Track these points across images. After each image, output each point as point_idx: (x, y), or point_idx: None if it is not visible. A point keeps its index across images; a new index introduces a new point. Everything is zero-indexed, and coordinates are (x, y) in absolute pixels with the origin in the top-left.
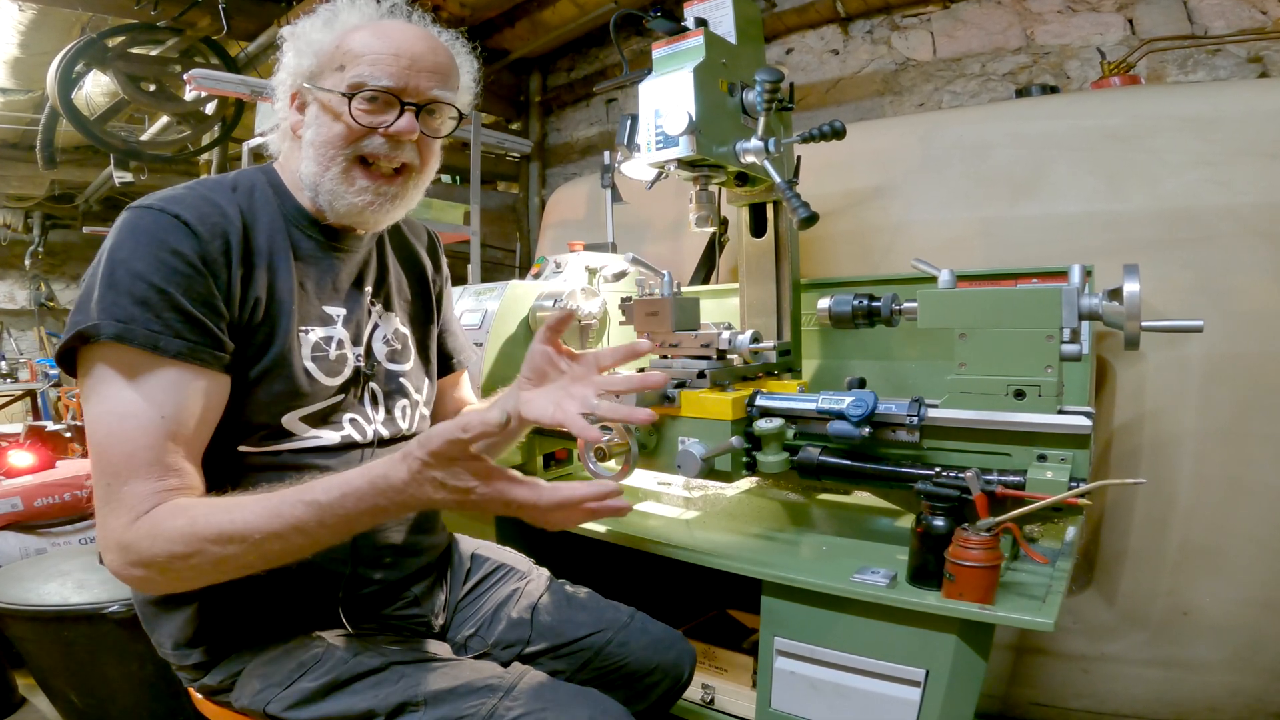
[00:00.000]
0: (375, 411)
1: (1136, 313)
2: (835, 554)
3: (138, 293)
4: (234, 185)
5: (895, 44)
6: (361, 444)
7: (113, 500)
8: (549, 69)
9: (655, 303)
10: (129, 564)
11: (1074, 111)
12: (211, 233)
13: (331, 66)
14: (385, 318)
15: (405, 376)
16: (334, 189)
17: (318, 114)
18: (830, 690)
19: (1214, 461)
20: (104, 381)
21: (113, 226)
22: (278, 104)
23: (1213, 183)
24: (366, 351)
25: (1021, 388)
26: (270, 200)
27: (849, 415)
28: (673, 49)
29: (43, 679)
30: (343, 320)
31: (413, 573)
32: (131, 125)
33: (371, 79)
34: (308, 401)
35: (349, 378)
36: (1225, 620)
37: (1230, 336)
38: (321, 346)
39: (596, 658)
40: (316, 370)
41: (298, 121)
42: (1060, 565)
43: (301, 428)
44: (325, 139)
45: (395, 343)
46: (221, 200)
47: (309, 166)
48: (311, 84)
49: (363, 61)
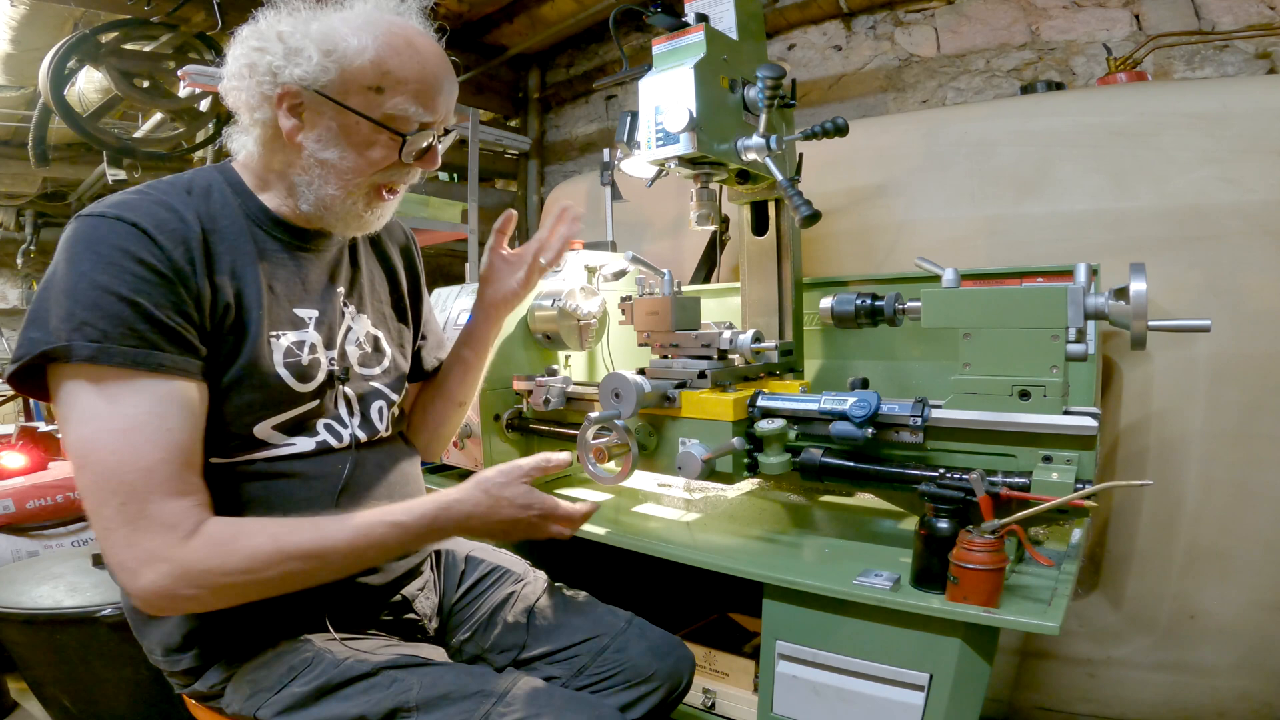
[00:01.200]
0: (351, 416)
1: (1143, 312)
2: (838, 556)
3: (107, 308)
4: (189, 188)
5: (898, 40)
6: (338, 449)
7: (140, 520)
8: (548, 65)
9: (656, 302)
10: (186, 583)
11: (1080, 108)
12: (172, 240)
13: (363, 84)
14: (358, 319)
15: (379, 379)
16: (349, 210)
17: (337, 134)
18: (833, 694)
19: (1222, 463)
20: (92, 400)
21: (63, 237)
22: (243, 95)
23: (1221, 180)
24: (340, 354)
25: (1026, 388)
26: (230, 201)
27: (852, 416)
28: (673, 45)
29: (35, 683)
30: (314, 323)
31: (405, 575)
32: (125, 122)
33: (417, 115)
34: (281, 409)
35: (323, 382)
36: (1233, 624)
37: (1238, 336)
38: (294, 351)
39: (593, 663)
40: (289, 376)
41: (294, 127)
42: (1066, 568)
43: (275, 436)
44: (353, 165)
45: (368, 345)
46: (178, 205)
47: (321, 187)
48: (328, 95)
49: (406, 91)
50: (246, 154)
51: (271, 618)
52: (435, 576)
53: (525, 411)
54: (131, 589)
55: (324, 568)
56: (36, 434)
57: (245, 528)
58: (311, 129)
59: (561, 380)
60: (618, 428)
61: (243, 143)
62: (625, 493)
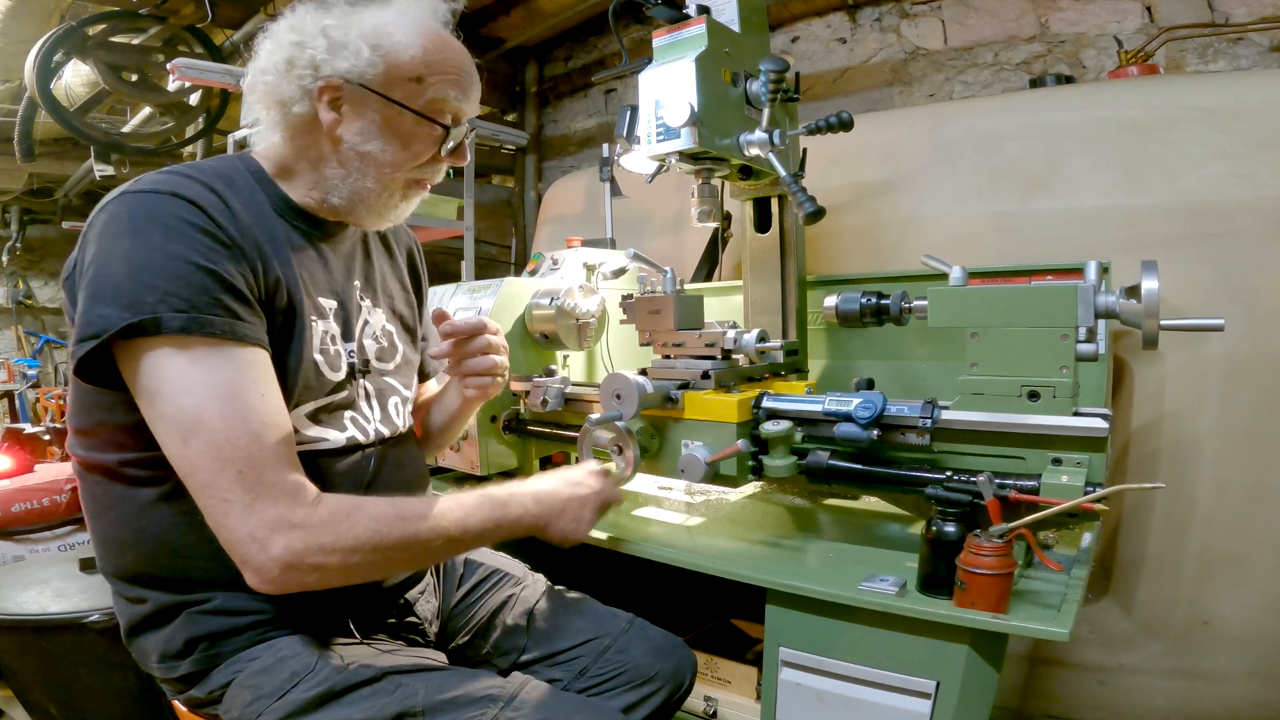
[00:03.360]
0: (371, 409)
1: (1155, 311)
2: (842, 561)
3: (189, 277)
4: (215, 171)
5: (905, 32)
6: (364, 445)
7: (261, 487)
8: (546, 58)
9: (658, 300)
10: (319, 551)
11: (1090, 102)
12: (224, 217)
13: (406, 76)
14: (374, 312)
15: (393, 374)
16: (384, 203)
17: (380, 126)
18: (837, 703)
19: (1236, 465)
20: (189, 371)
21: (108, 214)
22: (279, 89)
23: (1234, 176)
24: (359, 347)
25: (1036, 389)
26: (254, 190)
27: (857, 417)
28: (674, 37)
29: (21, 691)
30: (334, 314)
31: (408, 579)
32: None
33: (456, 101)
34: (316, 395)
35: (346, 374)
36: (1247, 630)
37: (1253, 335)
38: (325, 340)
39: (595, 664)
40: (323, 362)
41: (334, 120)
42: (1076, 573)
43: (307, 425)
44: (394, 159)
45: (384, 339)
46: (217, 186)
47: (359, 180)
48: (373, 89)
49: (446, 81)
50: (269, 145)
51: (274, 623)
52: (435, 580)
53: (523, 413)
54: (260, 560)
55: (447, 547)
56: (22, 436)
57: (361, 502)
58: (352, 122)
59: (560, 381)
60: (619, 430)
61: (267, 136)
62: (626, 495)
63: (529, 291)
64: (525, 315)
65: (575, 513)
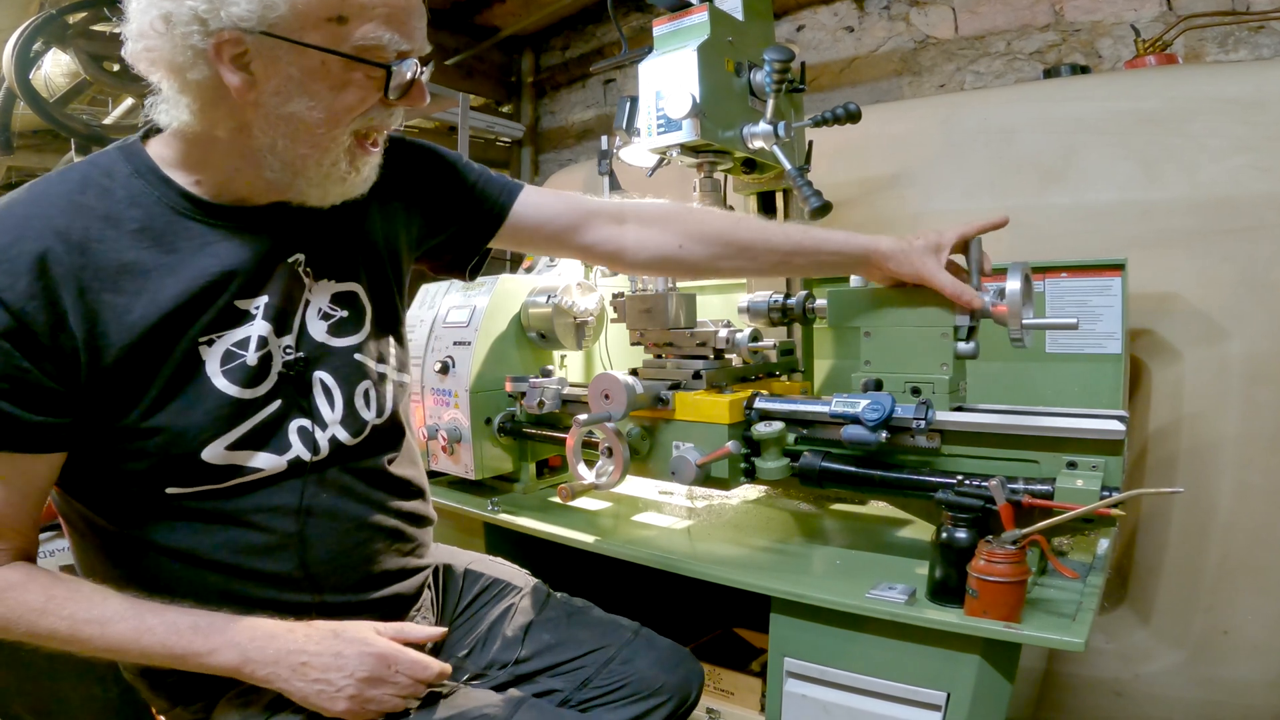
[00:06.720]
0: (331, 409)
1: (1018, 312)
2: (849, 568)
3: None
4: (83, 185)
5: (914, 20)
6: (308, 462)
7: None
8: (542, 47)
9: (649, 298)
10: None
11: (1106, 93)
12: (15, 270)
13: (321, 15)
14: (320, 286)
15: (360, 350)
16: (329, 172)
17: (300, 80)
18: (844, 715)
19: (1257, 469)
20: None
21: None
22: (164, 54)
23: (1256, 169)
24: (299, 336)
25: (918, 385)
26: (139, 191)
27: (865, 419)
28: (675, 26)
29: None
30: (263, 311)
31: (403, 599)
32: (94, 108)
33: (393, 43)
34: (230, 425)
35: (279, 378)
36: (1269, 639)
37: (1276, 335)
38: (235, 353)
39: (598, 675)
40: (230, 385)
41: (244, 82)
42: (1091, 581)
43: (230, 457)
44: (326, 115)
45: (340, 310)
46: (54, 214)
47: (290, 148)
48: (280, 35)
49: (374, 16)
50: (179, 125)
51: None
52: (433, 594)
53: (518, 414)
54: None
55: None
56: None
57: (31, 582)
58: (267, 80)
59: (557, 381)
60: (608, 431)
61: (171, 113)
62: (624, 501)
63: (525, 289)
64: (521, 313)
65: (321, 674)
